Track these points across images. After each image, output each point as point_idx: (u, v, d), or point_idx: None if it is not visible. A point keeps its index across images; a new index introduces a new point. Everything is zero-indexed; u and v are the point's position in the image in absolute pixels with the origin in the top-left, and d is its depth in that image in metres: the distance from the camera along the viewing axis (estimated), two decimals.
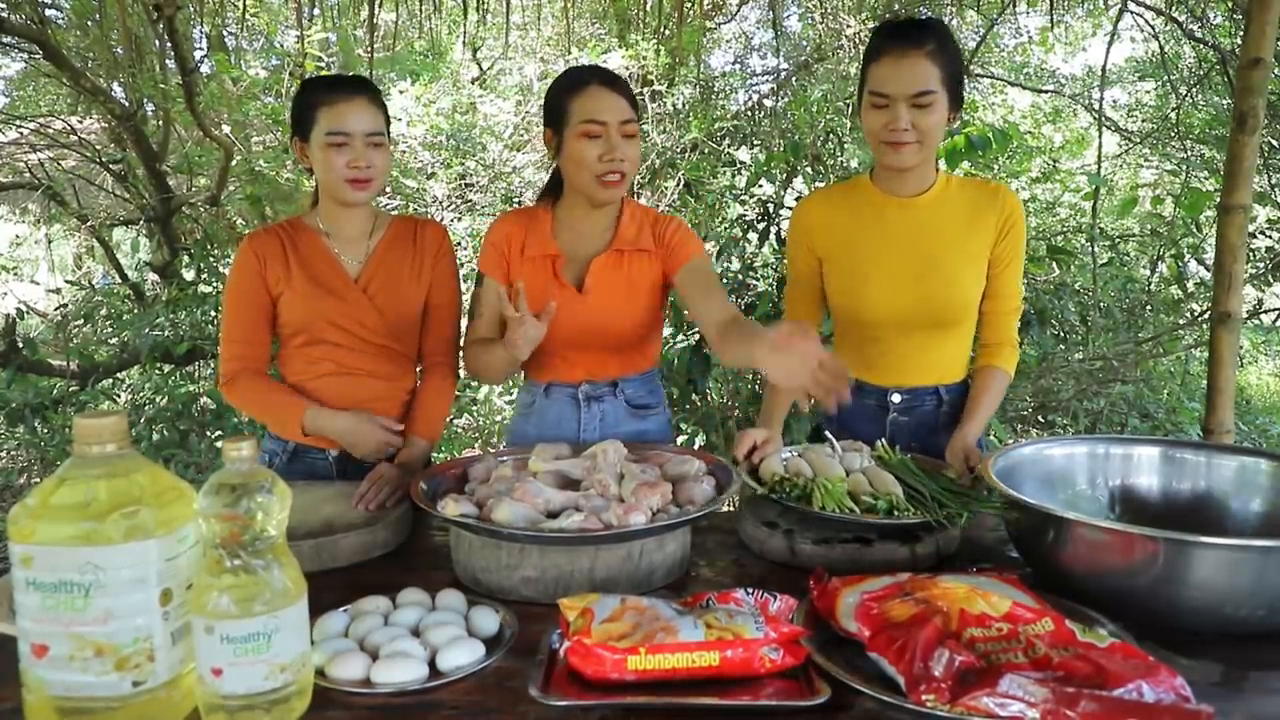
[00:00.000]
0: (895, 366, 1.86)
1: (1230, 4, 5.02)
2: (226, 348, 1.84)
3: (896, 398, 1.87)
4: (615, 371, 1.89)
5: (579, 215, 1.84)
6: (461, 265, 2.63)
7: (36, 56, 5.28)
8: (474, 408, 5.29)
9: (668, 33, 5.64)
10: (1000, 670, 0.95)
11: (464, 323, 1.99)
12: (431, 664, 1.07)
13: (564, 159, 1.77)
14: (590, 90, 1.71)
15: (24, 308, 5.16)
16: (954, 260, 1.78)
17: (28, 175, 5.81)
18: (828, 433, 1.73)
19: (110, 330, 5.00)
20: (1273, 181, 5.11)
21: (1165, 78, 6.78)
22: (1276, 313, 5.81)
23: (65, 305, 5.38)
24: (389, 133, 1.84)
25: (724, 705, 1.00)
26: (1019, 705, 0.92)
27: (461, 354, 1.95)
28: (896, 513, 1.41)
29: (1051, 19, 6.16)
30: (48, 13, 5.26)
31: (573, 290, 1.81)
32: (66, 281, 6.18)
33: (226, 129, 5.59)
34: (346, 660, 1.05)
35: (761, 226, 3.89)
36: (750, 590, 1.18)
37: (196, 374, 4.90)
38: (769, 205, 3.97)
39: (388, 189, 5.10)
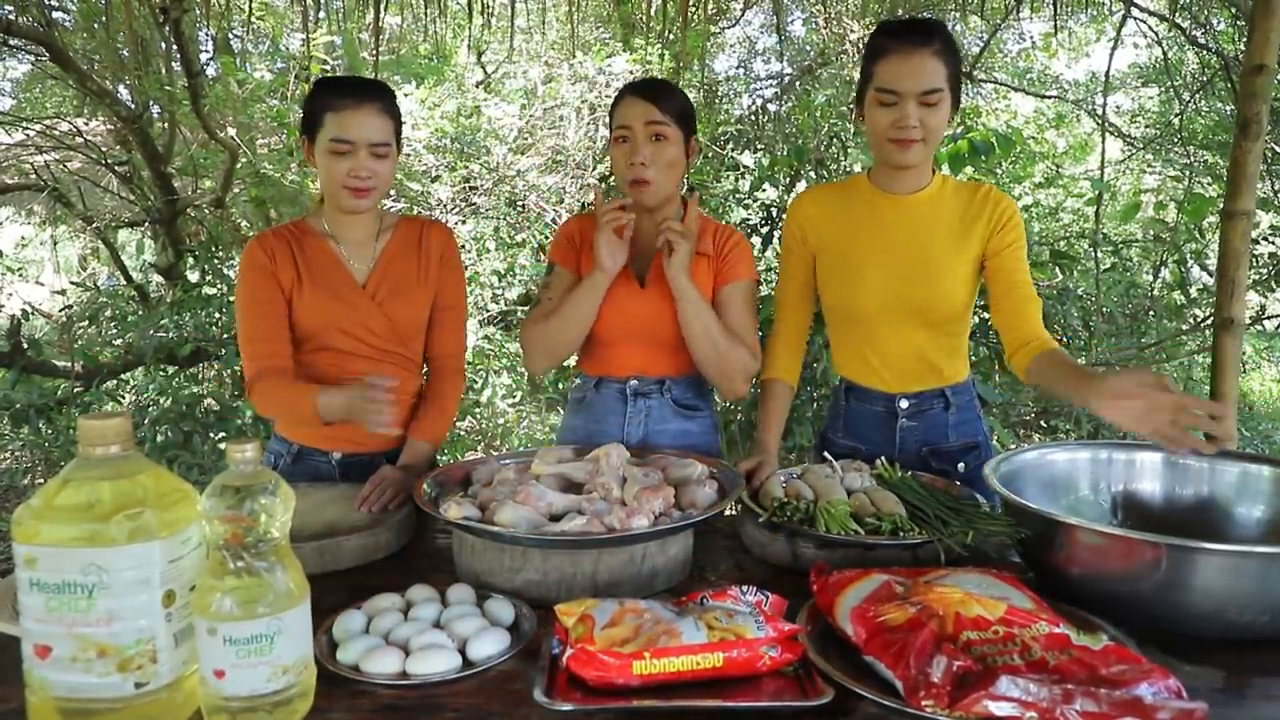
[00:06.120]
0: (897, 368, 1.86)
1: (1233, 10, 5.02)
2: (246, 349, 1.77)
3: (904, 403, 1.87)
4: (665, 369, 1.90)
5: (641, 214, 1.85)
6: (465, 268, 2.62)
7: (43, 58, 5.29)
8: (477, 410, 5.30)
9: (672, 37, 5.65)
10: (996, 672, 0.95)
11: (468, 324, 1.98)
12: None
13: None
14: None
15: (29, 309, 5.17)
16: (947, 256, 1.77)
17: (33, 177, 5.82)
18: (826, 454, 1.74)
19: (115, 331, 5.01)
20: (1276, 187, 5.11)
21: (1168, 83, 6.79)
22: (1279, 319, 5.81)
23: (70, 306, 5.38)
24: (399, 139, 1.79)
25: (728, 707, 1.00)
26: (1017, 705, 0.92)
27: (521, 329, 1.92)
28: (902, 533, 1.41)
29: (1055, 25, 6.17)
30: (54, 15, 5.27)
31: (635, 284, 1.85)
32: (71, 283, 6.20)
33: (231, 131, 5.61)
34: (380, 655, 1.08)
35: (765, 231, 3.89)
36: (745, 588, 1.19)
37: (200, 375, 4.92)
38: (772, 210, 3.97)
39: (392, 191, 5.10)
